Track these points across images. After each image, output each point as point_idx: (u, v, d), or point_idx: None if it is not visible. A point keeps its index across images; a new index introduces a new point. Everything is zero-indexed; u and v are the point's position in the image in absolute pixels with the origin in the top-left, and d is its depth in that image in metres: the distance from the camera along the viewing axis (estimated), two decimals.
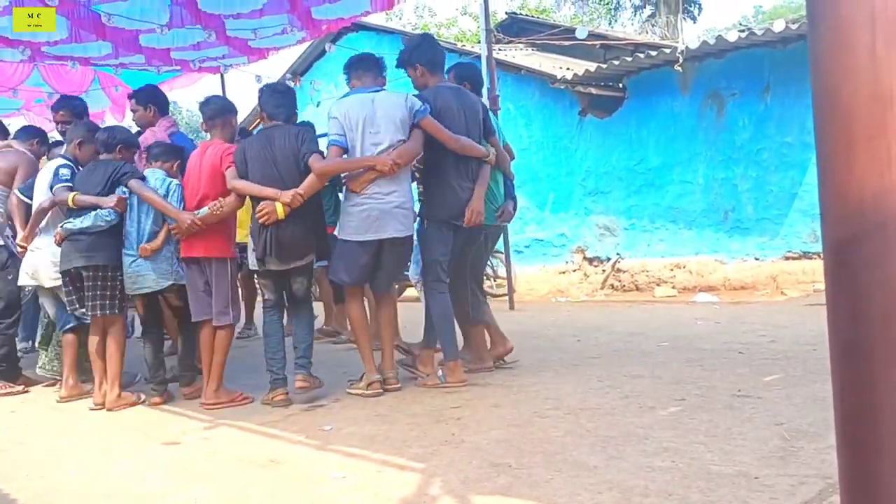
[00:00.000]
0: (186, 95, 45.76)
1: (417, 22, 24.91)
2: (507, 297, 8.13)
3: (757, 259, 8.48)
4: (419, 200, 4.32)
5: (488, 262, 9.40)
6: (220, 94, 10.81)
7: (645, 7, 25.17)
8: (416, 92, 4.25)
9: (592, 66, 9.36)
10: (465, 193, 4.12)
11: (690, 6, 24.52)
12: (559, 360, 4.71)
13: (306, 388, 3.99)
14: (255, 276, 4.28)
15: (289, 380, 4.01)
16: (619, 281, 9.55)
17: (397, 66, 4.30)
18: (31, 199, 4.63)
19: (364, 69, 4.15)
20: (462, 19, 24.29)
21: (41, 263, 4.52)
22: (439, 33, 21.89)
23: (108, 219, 4.13)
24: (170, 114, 5.20)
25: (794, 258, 8.19)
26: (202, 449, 3.29)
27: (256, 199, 3.96)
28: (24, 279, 4.64)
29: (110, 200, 4.14)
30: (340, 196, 4.48)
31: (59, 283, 4.35)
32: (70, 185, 4.27)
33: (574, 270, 10.14)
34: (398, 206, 3.99)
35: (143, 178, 4.23)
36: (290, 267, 4.02)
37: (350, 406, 3.88)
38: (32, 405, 4.57)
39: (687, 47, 8.52)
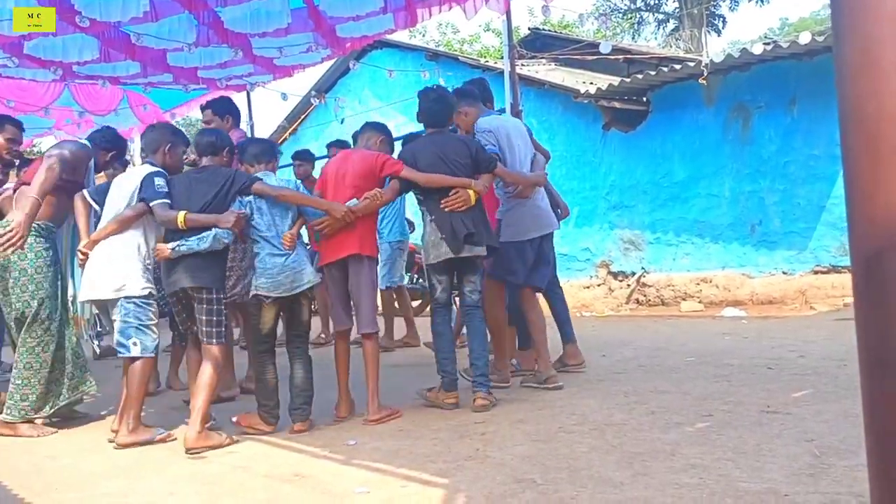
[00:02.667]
0: None
1: (441, 39, 25.07)
2: None
3: (785, 273, 8.37)
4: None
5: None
6: (247, 111, 10.99)
7: (668, 21, 25.13)
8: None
9: (616, 81, 9.34)
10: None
11: (715, 20, 24.43)
12: (584, 375, 4.68)
13: (485, 406, 3.90)
14: (430, 272, 4.12)
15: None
16: (645, 295, 9.47)
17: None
18: (99, 203, 4.08)
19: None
20: (485, 35, 24.43)
21: (108, 274, 3.86)
22: (462, 49, 22.02)
23: (227, 240, 3.75)
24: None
25: (822, 272, 8.07)
26: (229, 463, 3.31)
27: (429, 197, 4.07)
28: (86, 292, 3.93)
29: (229, 220, 3.71)
30: None
31: (122, 295, 3.79)
32: (169, 199, 3.80)
33: (599, 285, 10.09)
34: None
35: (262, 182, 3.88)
36: (473, 255, 4.03)
37: None
38: (61, 422, 4.61)
39: (711, 60, 8.48)
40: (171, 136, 4.16)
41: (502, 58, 9.38)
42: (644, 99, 9.48)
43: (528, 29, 15.07)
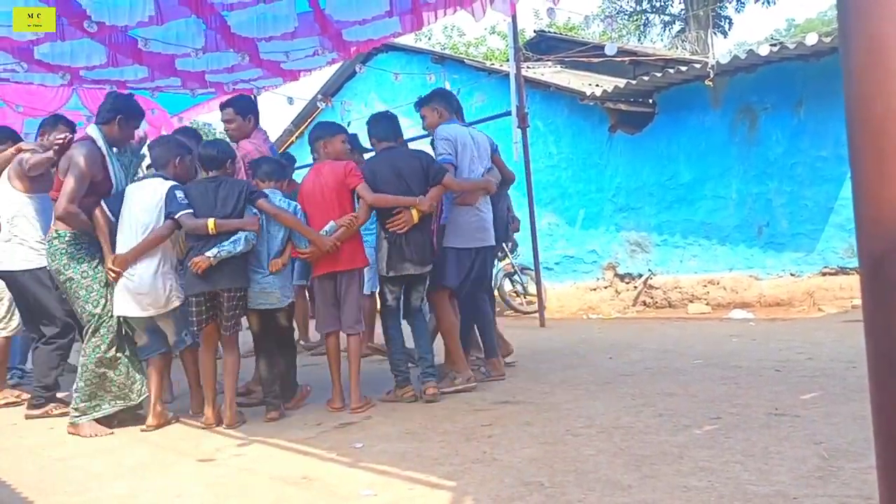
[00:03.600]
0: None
1: (446, 42, 25.08)
2: (537, 314, 8.09)
3: (793, 275, 8.34)
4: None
5: (518, 280, 9.43)
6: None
7: (674, 23, 25.09)
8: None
9: (622, 83, 9.34)
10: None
11: (721, 21, 24.38)
12: (591, 378, 4.67)
13: (435, 394, 4.30)
14: (383, 281, 4.42)
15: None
16: (651, 297, 9.45)
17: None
18: (114, 213, 4.18)
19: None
20: (491, 38, 24.44)
21: (140, 292, 4.07)
22: (468, 52, 22.03)
23: (253, 241, 4.08)
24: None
25: (830, 274, 8.04)
26: (236, 465, 3.32)
27: (381, 212, 4.36)
28: (125, 308, 4.09)
29: (253, 223, 4.07)
30: None
31: (161, 311, 4.11)
32: (191, 208, 4.03)
33: (605, 287, 10.07)
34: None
35: (266, 198, 4.18)
36: (422, 272, 4.39)
37: (381, 423, 3.89)
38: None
39: (718, 62, 8.47)
40: (178, 148, 4.36)
41: (508, 60, 9.41)
42: (650, 101, 9.47)
43: (534, 31, 15.05)
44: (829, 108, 7.87)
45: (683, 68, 8.79)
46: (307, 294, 6.09)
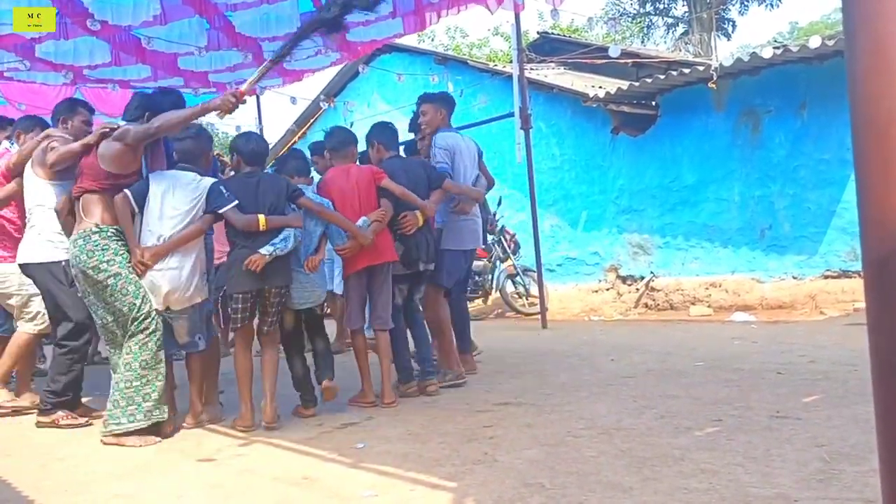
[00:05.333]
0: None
1: (449, 43, 25.11)
2: (539, 316, 8.09)
3: (795, 278, 8.33)
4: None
5: (520, 281, 9.43)
6: (256, 115, 10.98)
7: (678, 25, 25.08)
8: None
9: (625, 85, 9.33)
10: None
11: (724, 24, 24.37)
12: (593, 380, 4.67)
13: (436, 391, 4.55)
14: (394, 282, 4.56)
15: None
16: (654, 300, 9.44)
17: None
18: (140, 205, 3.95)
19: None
20: (494, 39, 24.44)
21: (172, 286, 3.91)
22: (471, 54, 22.04)
23: (300, 239, 4.11)
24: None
25: (833, 277, 8.03)
26: (237, 466, 3.31)
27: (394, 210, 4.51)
28: (164, 300, 3.92)
29: (298, 220, 4.09)
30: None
31: (183, 306, 3.97)
32: (238, 204, 3.96)
33: (607, 289, 10.06)
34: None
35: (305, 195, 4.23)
36: (430, 268, 4.70)
37: (382, 424, 3.89)
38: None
39: (721, 64, 8.45)
40: (209, 142, 4.33)
41: (511, 62, 9.40)
42: (653, 103, 9.47)
43: (537, 33, 15.06)
44: (832, 111, 7.86)
45: (686, 71, 8.78)
46: None
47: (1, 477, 3.33)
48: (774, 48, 8.19)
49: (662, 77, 8.90)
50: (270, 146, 11.11)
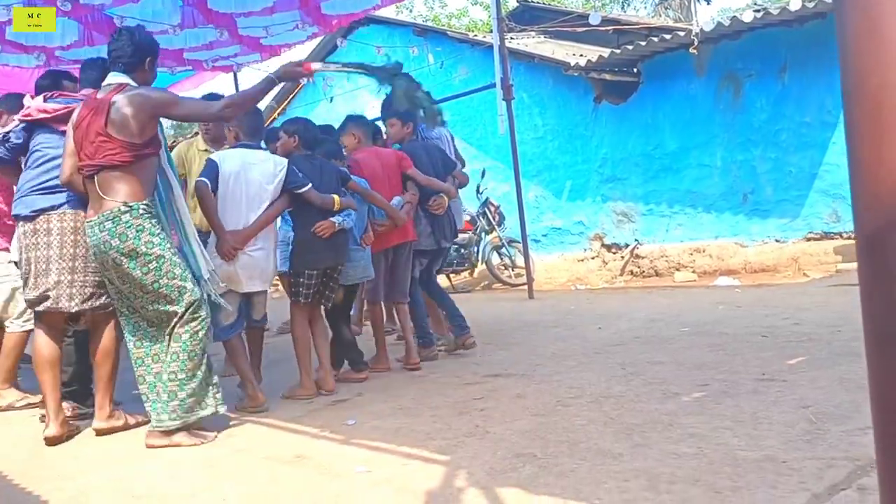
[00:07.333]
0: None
1: (428, 13, 24.83)
2: (525, 287, 8.11)
3: (778, 241, 8.40)
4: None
5: (506, 252, 9.44)
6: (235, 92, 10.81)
7: None
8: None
9: (606, 52, 9.29)
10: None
11: None
12: (581, 349, 4.70)
13: (473, 343, 4.92)
14: (415, 257, 4.87)
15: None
16: (639, 267, 9.50)
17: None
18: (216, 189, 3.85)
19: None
20: (473, 9, 24.20)
21: (262, 266, 3.98)
22: (450, 24, 21.82)
23: (354, 219, 4.31)
24: None
25: (815, 239, 8.10)
26: (229, 446, 3.32)
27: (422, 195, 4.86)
28: (248, 284, 3.96)
29: (352, 202, 4.31)
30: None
31: (266, 286, 4.15)
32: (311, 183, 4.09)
33: (593, 258, 10.11)
34: None
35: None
36: (450, 245, 5.34)
37: (373, 400, 3.90)
38: None
39: (702, 29, 8.42)
40: (262, 118, 4.51)
41: (491, 31, 9.32)
42: (635, 70, 9.44)
43: (517, 1, 14.92)
44: (812, 74, 7.87)
45: (667, 36, 8.74)
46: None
47: None
48: (755, 12, 8.16)
49: (643, 44, 8.86)
50: None
